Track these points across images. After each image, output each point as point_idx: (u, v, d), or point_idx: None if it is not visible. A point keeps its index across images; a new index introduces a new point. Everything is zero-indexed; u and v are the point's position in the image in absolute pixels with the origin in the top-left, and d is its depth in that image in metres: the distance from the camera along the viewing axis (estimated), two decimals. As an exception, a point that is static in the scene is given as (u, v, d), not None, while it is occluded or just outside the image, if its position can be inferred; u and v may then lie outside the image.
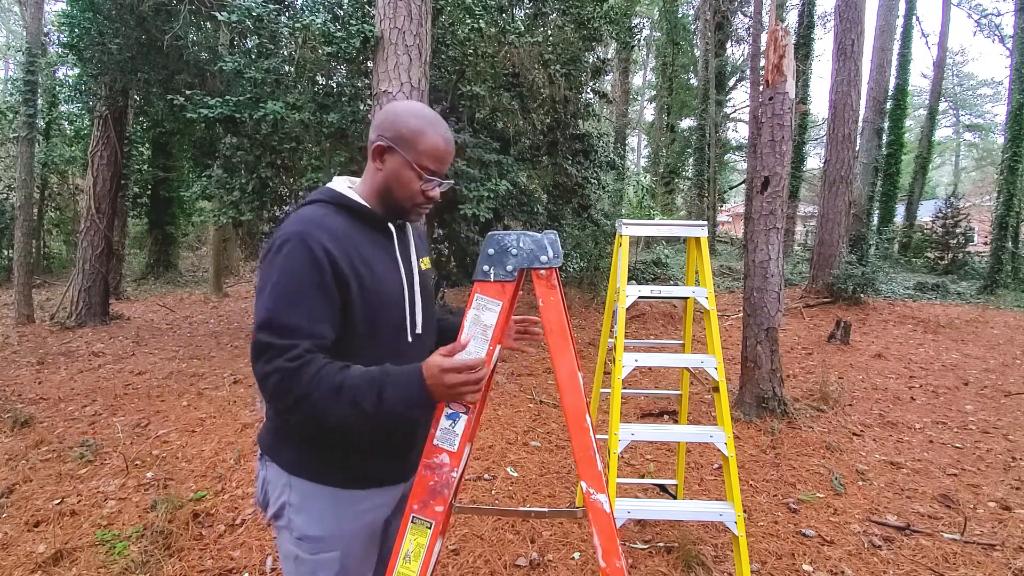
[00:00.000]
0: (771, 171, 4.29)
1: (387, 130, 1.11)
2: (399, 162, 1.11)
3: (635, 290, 2.25)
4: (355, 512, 1.15)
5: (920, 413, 4.55)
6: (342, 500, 1.13)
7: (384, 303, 1.12)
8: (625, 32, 8.38)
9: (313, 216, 1.08)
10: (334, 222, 1.09)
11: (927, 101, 20.61)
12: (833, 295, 9.87)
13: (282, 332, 0.98)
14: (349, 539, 1.14)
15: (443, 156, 1.13)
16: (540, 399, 4.72)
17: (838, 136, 10.14)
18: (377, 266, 1.12)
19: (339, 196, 1.14)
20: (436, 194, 1.16)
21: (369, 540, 1.20)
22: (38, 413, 4.21)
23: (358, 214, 1.14)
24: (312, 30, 5.18)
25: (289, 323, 0.99)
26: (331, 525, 1.12)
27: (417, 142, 1.10)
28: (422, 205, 1.16)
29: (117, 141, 8.02)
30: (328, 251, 1.02)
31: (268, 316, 0.99)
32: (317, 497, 1.12)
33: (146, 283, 13.09)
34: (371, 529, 1.19)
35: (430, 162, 1.11)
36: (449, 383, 0.99)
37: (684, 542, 2.49)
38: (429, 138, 1.10)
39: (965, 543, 2.63)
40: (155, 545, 2.44)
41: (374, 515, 1.19)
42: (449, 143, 1.14)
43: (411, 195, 1.13)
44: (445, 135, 1.13)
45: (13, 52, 14.77)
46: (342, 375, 0.98)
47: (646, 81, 26.27)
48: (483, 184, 5.95)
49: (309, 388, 0.95)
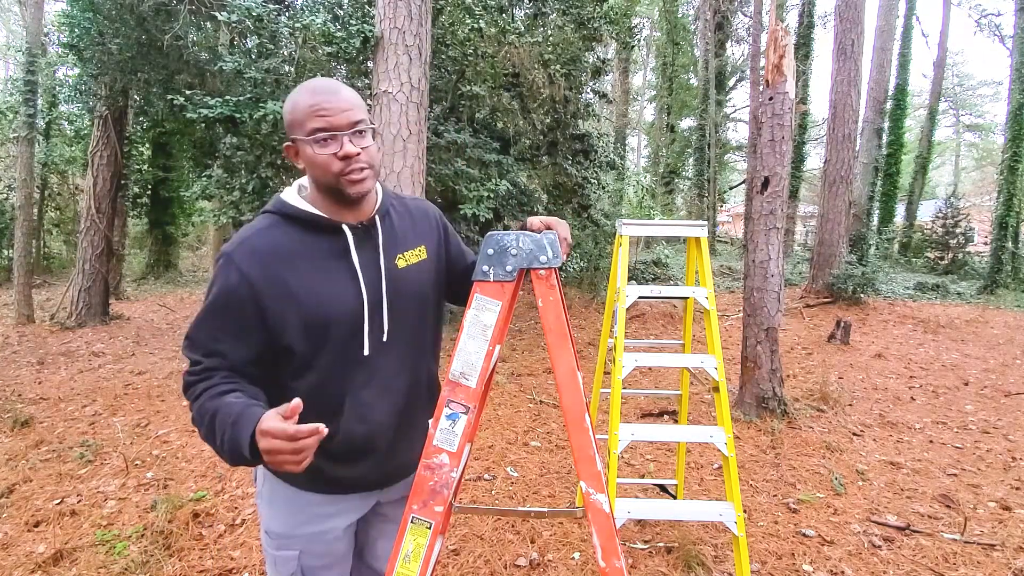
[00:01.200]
0: (771, 171, 4.29)
1: (284, 125, 1.07)
2: (300, 147, 1.03)
3: (635, 290, 2.25)
4: (312, 515, 1.16)
5: (920, 413, 4.55)
6: (300, 501, 1.15)
7: (329, 319, 1.05)
8: (625, 32, 8.39)
9: (250, 233, 1.06)
10: (271, 237, 1.05)
11: (927, 101, 20.59)
12: (833, 295, 9.87)
13: (191, 346, 1.03)
14: (306, 540, 1.16)
15: (322, 108, 1.00)
16: (540, 399, 4.72)
17: (838, 136, 10.14)
18: (319, 282, 1.05)
19: (282, 205, 1.08)
20: (349, 150, 1.01)
21: (332, 543, 1.18)
22: (38, 413, 4.21)
23: (304, 222, 1.07)
24: (312, 30, 5.18)
25: (196, 338, 1.03)
26: (289, 524, 1.16)
27: (295, 117, 1.03)
28: (347, 171, 1.02)
29: (117, 141, 8.02)
30: (244, 275, 1.00)
31: (192, 328, 1.04)
32: (278, 493, 1.16)
33: (146, 283, 13.09)
34: (332, 534, 1.18)
35: (314, 122, 1.00)
36: (262, 447, 0.88)
37: (684, 542, 2.49)
38: (299, 104, 1.02)
39: (965, 543, 2.63)
40: (155, 545, 2.44)
41: (335, 521, 1.18)
42: (323, 90, 1.02)
43: (327, 166, 1.02)
44: (315, 86, 1.03)
45: (13, 52, 14.75)
46: (215, 404, 0.97)
47: (646, 81, 26.24)
48: (483, 184, 5.96)
49: (193, 402, 1.01)
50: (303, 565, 1.16)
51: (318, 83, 1.04)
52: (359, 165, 1.03)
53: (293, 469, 0.88)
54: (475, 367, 1.08)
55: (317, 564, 1.18)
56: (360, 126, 1.03)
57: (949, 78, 26.68)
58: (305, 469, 0.93)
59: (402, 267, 1.15)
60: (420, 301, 1.19)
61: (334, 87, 1.03)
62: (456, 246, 1.32)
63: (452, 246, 1.30)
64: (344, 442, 1.11)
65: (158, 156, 13.28)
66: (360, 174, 1.04)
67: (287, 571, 1.16)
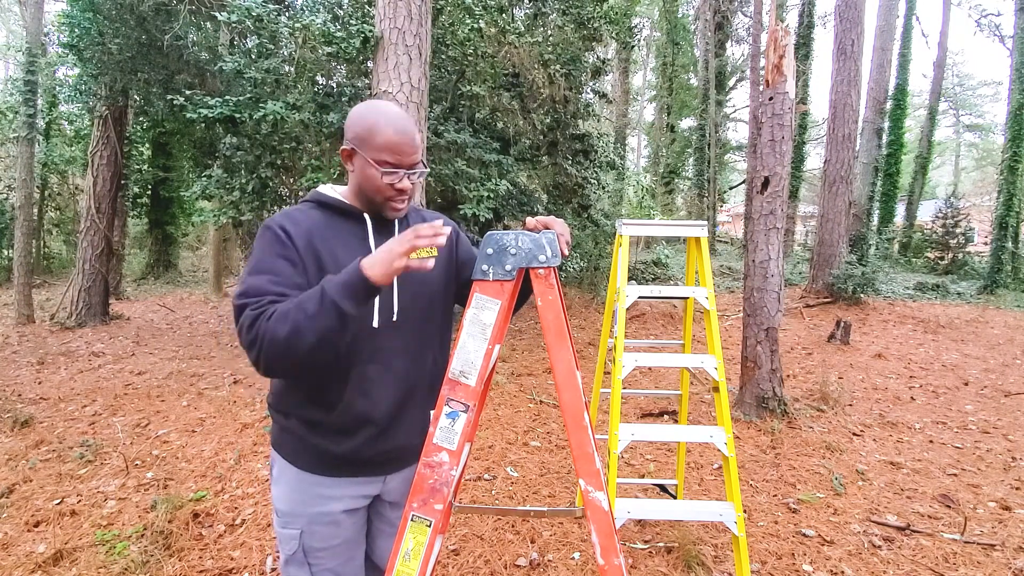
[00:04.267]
0: (771, 171, 4.29)
1: (349, 132, 1.18)
2: (361, 161, 1.17)
3: (635, 290, 2.25)
4: (314, 495, 1.23)
5: (920, 413, 4.55)
6: (304, 482, 1.23)
7: None
8: (625, 32, 8.39)
9: (289, 210, 1.22)
10: (308, 215, 1.20)
11: (927, 101, 20.60)
12: (833, 295, 9.87)
13: (249, 293, 1.08)
14: (308, 520, 1.22)
15: (399, 148, 1.15)
16: (540, 399, 4.72)
17: (838, 136, 10.14)
18: (341, 255, 1.16)
19: (317, 195, 1.25)
20: (405, 186, 1.18)
21: (332, 527, 1.24)
22: (38, 413, 4.21)
23: (332, 208, 1.23)
24: (312, 30, 5.18)
25: (256, 285, 1.09)
26: (293, 502, 1.23)
27: (371, 139, 1.14)
28: (394, 198, 1.19)
29: (117, 141, 8.02)
30: (287, 231, 1.14)
31: (242, 286, 1.10)
32: (286, 474, 1.25)
33: (146, 283, 13.09)
34: (332, 516, 1.23)
35: (387, 155, 1.14)
36: (407, 238, 1.02)
37: (684, 542, 2.49)
38: (381, 133, 1.14)
39: (965, 543, 2.63)
40: (155, 545, 2.44)
41: (334, 504, 1.24)
42: (404, 133, 1.15)
43: (378, 190, 1.17)
44: (398, 126, 1.15)
45: (13, 52, 14.75)
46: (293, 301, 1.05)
47: (646, 81, 26.25)
48: (483, 184, 5.95)
49: (265, 322, 1.03)
50: (304, 544, 1.23)
51: (399, 121, 1.16)
52: (404, 197, 1.21)
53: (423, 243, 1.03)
54: (475, 366, 1.08)
55: (318, 546, 1.24)
56: (417, 167, 1.20)
57: (949, 78, 26.70)
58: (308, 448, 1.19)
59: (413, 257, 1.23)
60: (428, 292, 1.28)
61: (412, 131, 1.18)
62: (467, 252, 1.41)
63: (463, 252, 1.40)
64: (344, 412, 1.18)
65: (158, 156, 13.29)
66: (402, 203, 1.22)
67: (290, 549, 1.24)
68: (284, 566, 1.26)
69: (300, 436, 1.21)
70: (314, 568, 1.24)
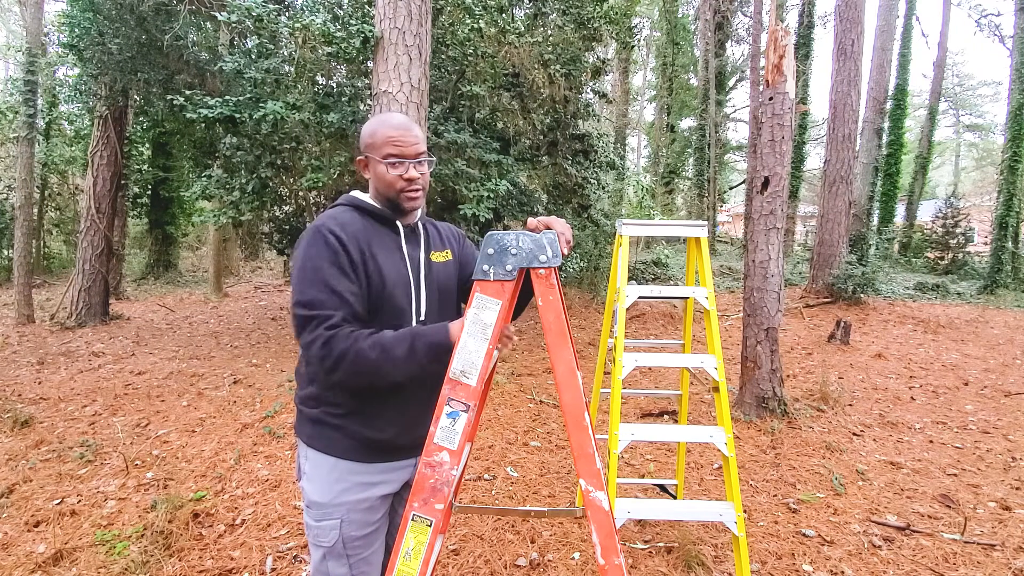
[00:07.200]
0: (771, 171, 4.29)
1: (361, 144, 1.34)
2: (373, 163, 1.31)
3: (635, 290, 2.25)
4: (353, 482, 1.27)
5: (920, 413, 4.55)
6: (341, 469, 1.27)
7: (387, 286, 1.25)
8: (625, 32, 8.38)
9: (333, 212, 1.30)
10: (350, 216, 1.29)
11: (927, 101, 20.60)
12: (833, 295, 9.87)
13: (311, 305, 1.16)
14: (347, 508, 1.27)
15: (399, 139, 1.28)
16: (540, 399, 4.72)
17: (838, 136, 10.15)
18: (382, 255, 1.27)
19: (353, 199, 1.36)
20: (413, 175, 1.29)
21: (369, 512, 1.29)
22: (38, 413, 4.21)
23: (369, 212, 1.33)
24: (312, 30, 5.17)
25: (316, 298, 1.16)
26: (333, 492, 1.26)
27: (375, 140, 1.29)
28: (406, 189, 1.29)
29: (117, 141, 8.03)
30: (337, 235, 1.21)
31: (298, 296, 1.18)
32: (321, 466, 1.28)
33: (146, 283, 13.09)
34: (370, 502, 1.29)
35: (390, 148, 1.27)
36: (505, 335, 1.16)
37: (684, 542, 2.49)
38: (382, 132, 1.29)
39: (965, 543, 2.63)
40: (155, 545, 2.44)
41: (373, 490, 1.29)
42: (401, 127, 1.29)
43: (390, 184, 1.29)
44: (395, 123, 1.30)
45: (13, 52, 14.75)
46: (376, 335, 1.17)
47: (646, 81, 26.23)
48: (483, 184, 5.95)
49: (347, 345, 1.14)
50: (344, 535, 1.26)
51: (396, 119, 1.31)
52: (416, 187, 1.31)
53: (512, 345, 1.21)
54: (475, 365, 1.08)
55: (357, 534, 1.28)
56: (422, 157, 1.31)
57: (949, 78, 26.70)
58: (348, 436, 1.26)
59: (435, 261, 1.41)
60: (446, 291, 1.40)
61: (408, 124, 1.31)
62: (471, 255, 1.52)
63: (467, 256, 1.51)
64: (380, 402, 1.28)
65: (158, 156, 13.29)
66: (415, 194, 1.31)
67: (329, 541, 1.26)
68: (321, 562, 1.28)
69: (337, 426, 1.27)
70: (352, 559, 1.28)
